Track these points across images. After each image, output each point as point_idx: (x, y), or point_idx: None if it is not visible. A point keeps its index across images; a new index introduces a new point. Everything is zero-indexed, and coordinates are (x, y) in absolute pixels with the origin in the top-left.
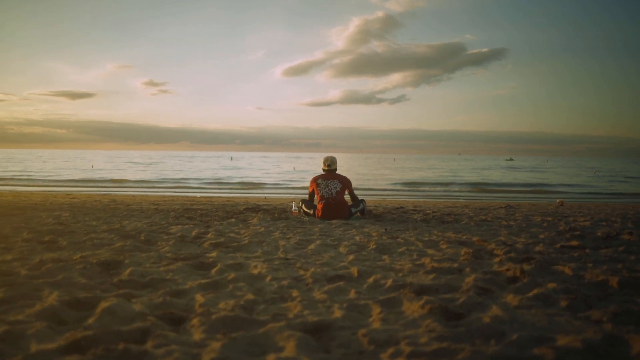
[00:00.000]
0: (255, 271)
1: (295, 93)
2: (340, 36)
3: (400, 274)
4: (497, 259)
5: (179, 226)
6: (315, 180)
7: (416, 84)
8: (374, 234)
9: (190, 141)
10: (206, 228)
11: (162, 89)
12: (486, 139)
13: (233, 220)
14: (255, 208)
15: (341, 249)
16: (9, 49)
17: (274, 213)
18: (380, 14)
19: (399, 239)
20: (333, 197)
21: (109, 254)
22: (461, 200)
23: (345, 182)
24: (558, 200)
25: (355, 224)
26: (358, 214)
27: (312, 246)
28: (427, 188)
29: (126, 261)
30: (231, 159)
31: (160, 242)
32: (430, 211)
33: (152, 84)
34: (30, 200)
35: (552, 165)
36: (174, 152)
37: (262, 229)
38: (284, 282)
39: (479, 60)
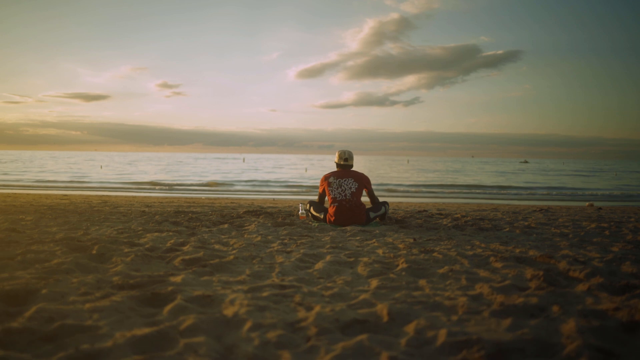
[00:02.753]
0: (230, 310)
1: (309, 95)
2: (354, 38)
3: (455, 317)
4: (581, 286)
5: (156, 234)
6: (326, 178)
7: (430, 86)
8: (400, 246)
9: (203, 143)
10: (188, 237)
11: (176, 90)
12: (499, 141)
13: (226, 226)
14: (257, 211)
15: (360, 269)
16: (25, 51)
17: (278, 217)
18: (394, 15)
19: (434, 254)
20: (347, 200)
21: (30, 276)
22: (485, 203)
23: (362, 181)
24: (587, 203)
25: (375, 231)
26: (377, 219)
27: (320, 264)
28: (444, 189)
29: (44, 291)
30: (243, 160)
31: (115, 258)
32: (459, 215)
33: (166, 85)
34: (13, 202)
35: (569, 167)
36: (187, 154)
37: (259, 238)
38: (271, 335)
39: (494, 62)
